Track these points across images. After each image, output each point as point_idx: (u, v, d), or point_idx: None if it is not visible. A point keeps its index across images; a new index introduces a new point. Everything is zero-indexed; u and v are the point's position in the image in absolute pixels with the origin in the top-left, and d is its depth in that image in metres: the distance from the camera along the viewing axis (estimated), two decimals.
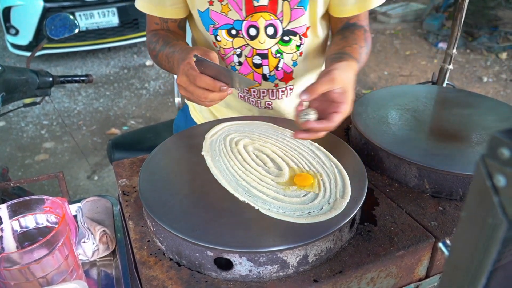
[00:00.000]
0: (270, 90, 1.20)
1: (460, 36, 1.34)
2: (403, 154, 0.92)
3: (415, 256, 0.79)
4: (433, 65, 4.76)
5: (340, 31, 1.15)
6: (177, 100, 2.15)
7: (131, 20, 4.81)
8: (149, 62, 5.08)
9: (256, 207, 0.76)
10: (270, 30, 1.08)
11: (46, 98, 1.53)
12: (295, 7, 1.06)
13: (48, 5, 4.38)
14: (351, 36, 1.08)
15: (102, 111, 4.03)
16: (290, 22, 1.08)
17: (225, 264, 0.71)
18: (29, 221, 0.80)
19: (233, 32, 1.09)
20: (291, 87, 1.21)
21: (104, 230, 0.89)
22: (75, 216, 0.94)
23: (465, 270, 0.35)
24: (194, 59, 0.85)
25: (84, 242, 0.87)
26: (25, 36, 4.51)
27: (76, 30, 1.63)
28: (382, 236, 0.80)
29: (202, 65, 0.85)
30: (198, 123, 1.37)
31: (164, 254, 0.76)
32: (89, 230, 0.89)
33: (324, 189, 0.82)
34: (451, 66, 1.41)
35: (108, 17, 4.69)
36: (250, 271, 0.70)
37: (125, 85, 4.56)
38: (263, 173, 0.87)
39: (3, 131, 3.68)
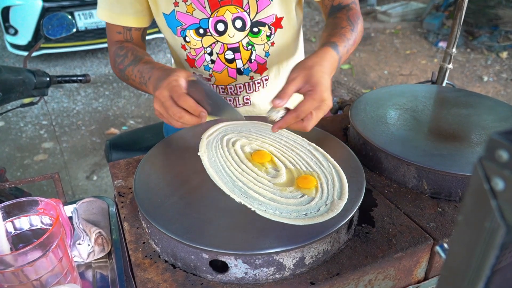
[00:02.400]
0: (246, 84, 1.19)
1: (460, 35, 1.33)
2: (401, 155, 0.91)
3: (414, 258, 0.78)
4: (433, 64, 4.75)
5: (327, 17, 1.14)
6: None
7: None
8: None
9: (253, 209, 0.75)
10: (239, 23, 1.08)
11: (44, 97, 1.52)
12: None
13: (47, 4, 4.38)
14: (333, 22, 1.06)
15: (101, 111, 4.02)
16: (257, 13, 1.08)
17: (220, 267, 0.70)
18: (24, 222, 0.79)
19: (201, 31, 1.09)
20: (266, 77, 1.20)
21: (99, 232, 0.88)
22: (70, 218, 0.93)
23: (462, 274, 0.34)
24: (194, 78, 0.84)
25: (79, 244, 0.86)
26: (24, 36, 4.50)
27: (74, 30, 1.62)
28: (380, 237, 0.79)
29: (195, 86, 0.84)
30: None
31: (159, 256, 0.75)
32: (85, 232, 0.88)
33: (322, 190, 0.81)
34: (450, 66, 1.40)
35: None
36: (246, 273, 0.69)
37: (124, 85, 4.55)
38: (260, 174, 0.86)
39: (2, 131, 3.67)
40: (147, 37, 4.92)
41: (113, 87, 4.49)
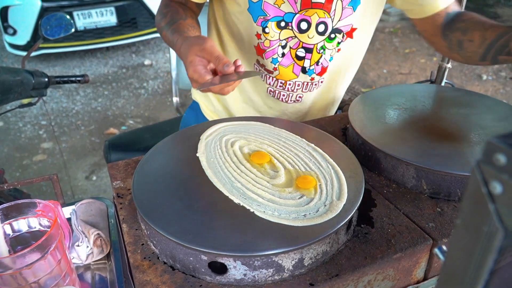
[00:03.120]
0: (305, 83, 1.21)
1: None
2: (400, 155, 0.91)
3: (413, 258, 0.78)
4: (432, 63, 4.75)
5: (448, 28, 1.10)
6: (175, 99, 2.14)
7: (129, 19, 4.79)
8: (147, 62, 5.07)
9: (251, 210, 0.75)
10: (321, 28, 1.09)
11: (42, 98, 1.52)
12: (346, 6, 1.08)
13: (46, 4, 4.37)
14: (478, 19, 1.07)
15: (100, 111, 4.02)
16: (339, 20, 1.09)
17: (219, 268, 0.70)
18: (22, 225, 0.79)
19: (282, 24, 1.09)
20: (323, 80, 1.22)
21: (98, 233, 0.88)
22: (69, 219, 0.93)
23: (460, 278, 0.34)
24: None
25: (78, 246, 0.86)
26: (23, 36, 4.50)
27: (72, 30, 1.62)
28: (379, 238, 0.79)
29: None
30: (210, 119, 1.37)
31: (158, 258, 0.75)
32: (83, 233, 0.87)
33: (320, 191, 0.81)
34: (449, 65, 1.40)
35: (106, 17, 4.68)
36: (245, 275, 0.69)
37: (123, 84, 4.55)
38: (259, 175, 0.86)
39: (1, 132, 3.67)
40: (147, 37, 4.95)
41: (112, 87, 4.48)
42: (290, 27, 1.09)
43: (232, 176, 0.85)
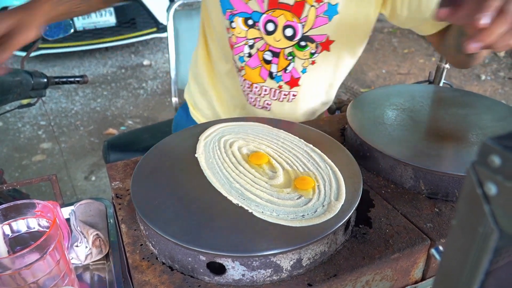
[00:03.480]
0: (273, 90, 1.17)
1: None
2: (398, 155, 0.91)
3: (411, 258, 0.78)
4: (431, 63, 4.75)
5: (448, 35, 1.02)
6: (175, 100, 2.14)
7: (128, 19, 4.79)
8: (146, 62, 5.07)
9: (250, 210, 0.76)
10: (289, 32, 1.05)
11: (42, 98, 1.52)
12: (321, 15, 1.03)
13: None
14: None
15: (99, 111, 4.02)
16: (311, 29, 1.05)
17: (218, 269, 0.70)
18: (21, 225, 0.79)
19: (250, 22, 1.06)
20: (295, 93, 1.17)
21: (97, 234, 0.88)
22: (68, 220, 0.93)
23: (456, 278, 0.34)
24: None
25: (77, 246, 0.86)
26: None
27: (71, 30, 1.62)
28: (377, 238, 0.79)
29: None
30: (198, 122, 1.36)
31: (156, 258, 0.75)
32: (82, 234, 0.88)
33: (319, 192, 0.81)
34: (447, 65, 1.40)
35: (105, 17, 4.68)
36: (243, 275, 0.69)
37: (122, 85, 4.55)
38: (257, 175, 0.86)
39: (0, 132, 3.67)
40: (146, 37, 4.95)
41: (111, 87, 4.48)
42: (257, 27, 1.06)
43: (231, 177, 0.85)
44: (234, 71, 1.20)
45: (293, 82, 1.15)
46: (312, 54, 1.11)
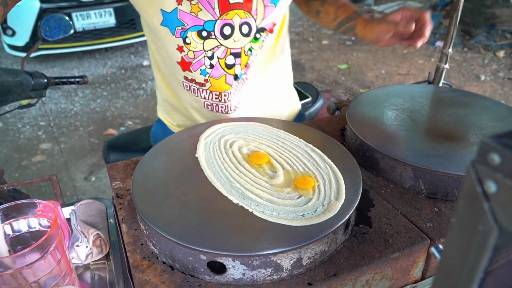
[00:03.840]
0: (239, 90, 1.17)
1: (457, 34, 1.34)
2: (398, 155, 0.92)
3: (411, 258, 0.78)
4: (430, 64, 4.76)
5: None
6: None
7: (128, 20, 4.80)
8: (146, 62, 5.08)
9: (250, 210, 0.76)
10: (245, 29, 1.05)
11: (41, 99, 1.52)
12: (268, 4, 1.05)
13: (45, 5, 4.37)
14: None
15: (99, 111, 4.02)
16: (263, 20, 1.07)
17: (218, 268, 0.70)
18: (22, 225, 0.79)
19: (204, 34, 1.04)
20: (246, 77, 1.17)
21: (97, 233, 0.88)
22: (68, 219, 0.94)
23: (456, 276, 0.35)
24: None
25: (77, 246, 0.86)
26: (22, 37, 4.50)
27: (71, 31, 1.62)
28: (377, 238, 0.79)
29: None
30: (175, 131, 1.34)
31: (157, 258, 0.76)
32: (83, 233, 0.88)
33: (319, 191, 0.81)
34: (447, 66, 1.40)
35: (104, 18, 4.69)
36: (243, 274, 0.70)
37: (122, 85, 4.55)
38: (257, 175, 0.86)
39: (0, 132, 3.67)
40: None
41: (111, 88, 4.49)
42: (213, 36, 1.04)
43: (231, 177, 0.86)
44: (185, 91, 1.19)
45: (248, 68, 1.15)
46: (263, 41, 1.12)
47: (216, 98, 1.16)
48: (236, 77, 1.13)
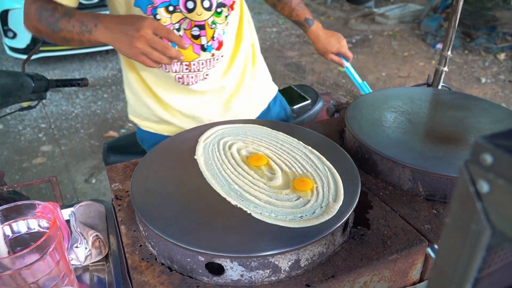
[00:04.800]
0: (208, 60, 1.24)
1: (458, 36, 1.35)
2: (397, 157, 0.92)
3: (409, 259, 0.78)
4: (431, 66, 4.76)
5: None
6: None
7: None
8: None
9: (248, 211, 0.76)
10: (206, 3, 1.13)
11: (42, 101, 1.53)
12: None
13: None
14: None
15: (99, 114, 4.02)
16: None
17: (216, 269, 0.70)
18: (21, 226, 0.79)
19: (171, 8, 1.11)
20: (222, 54, 1.26)
21: (96, 235, 0.89)
22: (68, 221, 0.94)
23: (450, 276, 0.35)
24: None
25: (76, 247, 0.87)
26: (23, 39, 4.51)
27: None
28: (375, 239, 0.79)
29: None
30: (154, 132, 1.35)
31: (156, 259, 0.76)
32: (82, 235, 0.88)
33: (317, 193, 0.82)
34: (446, 68, 1.41)
35: None
36: (241, 276, 0.70)
37: (122, 87, 4.55)
38: (256, 177, 0.86)
39: (1, 135, 3.67)
40: None
41: (111, 90, 4.49)
42: (178, 10, 1.12)
43: (230, 178, 0.86)
44: (155, 70, 1.26)
45: (220, 45, 1.24)
46: (226, 17, 1.21)
47: (186, 69, 1.23)
48: (203, 48, 1.20)
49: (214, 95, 1.30)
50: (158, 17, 1.11)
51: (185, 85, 1.25)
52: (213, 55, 1.23)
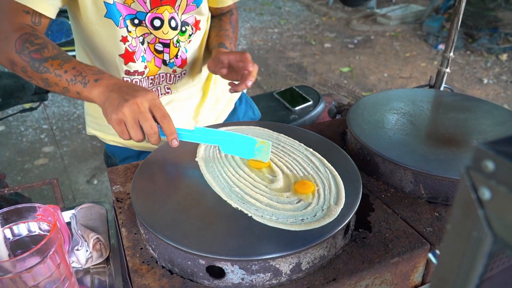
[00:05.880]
0: (168, 75, 1.22)
1: (460, 37, 1.34)
2: (398, 159, 0.92)
3: (410, 263, 0.78)
4: (433, 67, 4.75)
5: (211, 18, 1.31)
6: None
7: None
8: None
9: (249, 214, 0.76)
10: (173, 23, 1.12)
11: (44, 102, 1.53)
12: (190, 3, 1.12)
13: None
14: (219, 24, 1.29)
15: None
16: (183, 14, 1.13)
17: (217, 272, 0.70)
18: (22, 229, 0.79)
19: (136, 21, 1.08)
20: (185, 71, 1.25)
21: (97, 237, 0.88)
22: (69, 223, 0.94)
23: (451, 282, 0.34)
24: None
25: (77, 250, 0.86)
26: None
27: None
28: (377, 242, 0.79)
29: None
30: (119, 145, 1.33)
31: (156, 262, 0.76)
32: (83, 237, 0.88)
33: (318, 196, 0.81)
34: (448, 70, 1.40)
35: None
36: (242, 279, 0.70)
37: None
38: (257, 179, 0.86)
39: (2, 136, 3.68)
40: None
41: None
42: (144, 25, 1.09)
43: (231, 181, 0.86)
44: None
45: (183, 62, 1.23)
46: (190, 35, 1.19)
47: (151, 84, 1.21)
48: (165, 63, 1.19)
49: (179, 107, 1.29)
50: (129, 29, 1.08)
51: None
52: (174, 71, 1.22)
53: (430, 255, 0.41)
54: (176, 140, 0.86)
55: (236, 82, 1.07)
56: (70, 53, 0.97)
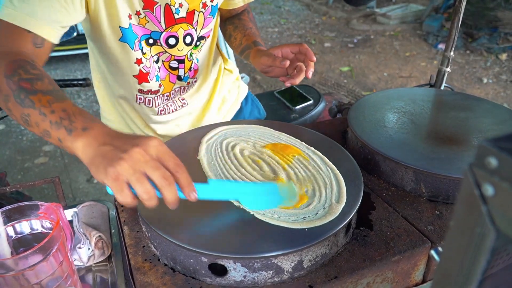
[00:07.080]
0: (182, 87, 1.24)
1: (460, 37, 1.34)
2: (399, 158, 0.92)
3: (411, 261, 0.78)
4: (433, 66, 4.76)
5: (229, 19, 1.31)
6: None
7: None
8: None
9: (251, 212, 0.76)
10: (188, 39, 1.12)
11: None
12: (208, 16, 1.12)
13: None
14: (241, 24, 1.28)
15: None
16: (202, 29, 1.14)
17: (219, 270, 0.70)
18: (24, 226, 0.80)
19: (151, 41, 1.08)
20: (195, 80, 1.26)
21: (99, 235, 0.89)
22: (71, 221, 0.94)
23: (454, 278, 0.35)
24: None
25: (79, 248, 0.87)
26: None
27: (74, 34, 1.63)
28: (378, 240, 0.79)
29: None
30: None
31: (159, 260, 0.76)
32: (85, 235, 0.88)
33: (320, 194, 0.82)
34: (448, 69, 1.40)
35: None
36: (244, 277, 0.70)
37: None
38: (259, 177, 0.86)
39: (3, 134, 3.68)
40: None
41: None
42: (159, 44, 1.09)
43: (233, 179, 0.86)
44: (136, 105, 1.21)
45: (195, 73, 1.24)
46: (201, 46, 1.20)
47: (166, 99, 1.22)
48: (179, 78, 1.20)
49: (188, 114, 1.30)
50: (144, 50, 1.08)
51: (167, 114, 1.25)
52: (188, 83, 1.23)
53: (433, 252, 0.42)
54: (195, 191, 0.67)
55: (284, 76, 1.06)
56: (72, 52, 0.98)
